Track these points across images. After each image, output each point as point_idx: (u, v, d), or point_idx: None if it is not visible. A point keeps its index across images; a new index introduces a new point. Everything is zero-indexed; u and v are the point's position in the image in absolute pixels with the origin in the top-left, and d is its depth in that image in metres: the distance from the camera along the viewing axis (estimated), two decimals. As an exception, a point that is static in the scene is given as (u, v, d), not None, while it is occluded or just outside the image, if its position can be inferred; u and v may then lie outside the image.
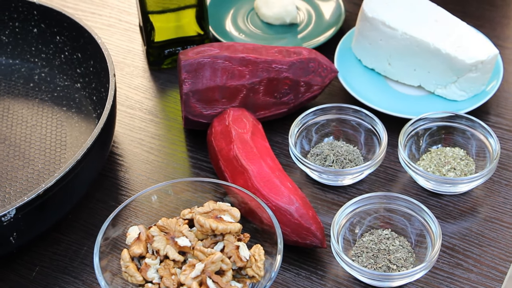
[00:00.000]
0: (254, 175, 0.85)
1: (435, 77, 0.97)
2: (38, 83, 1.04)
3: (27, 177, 0.92)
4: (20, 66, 1.07)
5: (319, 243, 0.83)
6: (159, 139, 0.98)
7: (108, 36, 1.13)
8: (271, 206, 0.83)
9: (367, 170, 0.89)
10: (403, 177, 0.92)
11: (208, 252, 0.77)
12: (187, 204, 0.84)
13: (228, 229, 0.78)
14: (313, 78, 0.95)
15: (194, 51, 0.94)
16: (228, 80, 0.93)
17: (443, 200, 0.89)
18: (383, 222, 0.85)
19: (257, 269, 0.77)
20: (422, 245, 0.83)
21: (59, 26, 1.02)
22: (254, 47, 0.96)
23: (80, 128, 0.98)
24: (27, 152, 0.95)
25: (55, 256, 0.86)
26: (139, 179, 0.94)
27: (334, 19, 1.10)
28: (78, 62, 1.02)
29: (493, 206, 0.89)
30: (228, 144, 0.88)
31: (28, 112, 1.00)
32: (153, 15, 1.01)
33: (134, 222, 0.83)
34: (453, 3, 1.14)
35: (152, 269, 0.78)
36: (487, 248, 0.85)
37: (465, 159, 0.91)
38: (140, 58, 1.09)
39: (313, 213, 0.83)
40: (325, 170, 0.89)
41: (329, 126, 0.94)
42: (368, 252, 0.82)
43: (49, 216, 0.83)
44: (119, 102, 1.03)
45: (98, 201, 0.91)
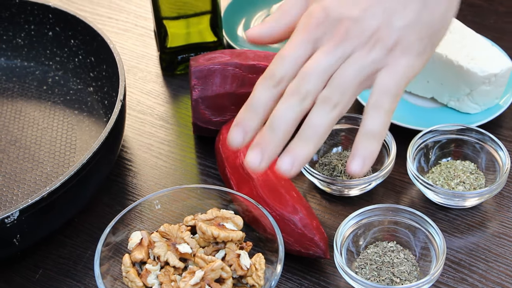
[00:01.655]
0: (260, 183, 0.84)
1: (448, 90, 0.96)
2: (52, 86, 1.05)
3: (35, 180, 0.93)
4: (35, 68, 1.07)
5: (322, 253, 0.82)
6: (169, 144, 0.98)
7: (124, 40, 1.13)
8: (275, 215, 0.82)
9: (375, 181, 0.88)
10: (412, 189, 0.91)
11: (209, 260, 0.76)
12: (192, 210, 0.84)
13: (230, 237, 0.78)
14: (324, 87, 0.95)
15: (205, 57, 0.94)
16: (238, 88, 0.92)
17: (451, 214, 0.88)
18: (388, 234, 0.84)
19: (257, 278, 0.77)
20: (426, 258, 0.82)
21: (73, 29, 1.03)
22: (265, 54, 0.95)
23: (90, 132, 0.98)
24: (36, 154, 0.96)
25: (59, 259, 0.86)
26: (147, 184, 0.94)
27: (350, 28, 1.09)
28: (91, 66, 1.03)
29: (502, 221, 0.87)
30: (235, 151, 0.88)
31: (40, 115, 1.01)
32: (167, 21, 1.02)
33: (138, 227, 0.83)
34: (472, 15, 1.13)
35: (153, 275, 0.77)
36: (493, 263, 0.84)
37: (475, 172, 0.90)
38: (154, 63, 1.09)
39: (317, 223, 0.82)
40: (332, 180, 0.88)
41: (338, 136, 0.93)
42: (372, 265, 0.82)
43: (53, 219, 0.84)
44: (130, 106, 1.03)
45: (105, 205, 0.91)
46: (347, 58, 0.71)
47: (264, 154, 0.70)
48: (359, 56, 0.72)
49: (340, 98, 0.70)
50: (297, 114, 0.70)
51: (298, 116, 0.70)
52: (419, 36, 0.73)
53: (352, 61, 0.71)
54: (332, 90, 0.70)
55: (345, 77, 0.71)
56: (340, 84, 0.71)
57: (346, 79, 0.71)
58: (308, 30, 0.73)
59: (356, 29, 0.72)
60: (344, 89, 0.71)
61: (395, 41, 0.72)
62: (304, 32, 0.73)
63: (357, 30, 0.72)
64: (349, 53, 0.72)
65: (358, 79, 0.71)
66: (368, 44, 0.72)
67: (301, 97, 0.70)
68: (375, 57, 0.72)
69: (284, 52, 0.72)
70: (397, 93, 0.73)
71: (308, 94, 0.70)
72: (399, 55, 0.72)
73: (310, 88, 0.70)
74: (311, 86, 0.70)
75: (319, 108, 0.70)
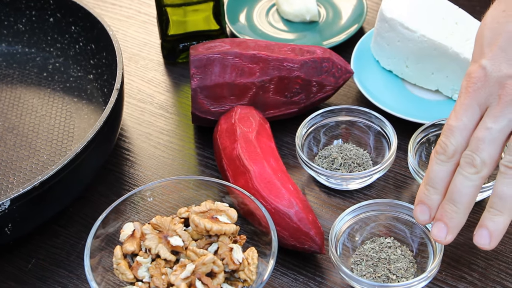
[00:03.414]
0: (255, 175, 0.83)
1: (453, 82, 0.94)
2: (52, 73, 1.04)
3: (31, 168, 0.92)
4: (36, 55, 1.06)
5: (318, 248, 0.80)
6: (168, 134, 0.97)
7: (126, 28, 1.12)
8: (270, 208, 0.81)
9: (375, 175, 0.87)
10: (413, 183, 0.89)
11: (200, 253, 0.75)
12: (188, 201, 0.83)
13: (223, 230, 0.76)
14: (326, 78, 0.93)
15: (204, 46, 0.92)
16: (238, 77, 0.91)
17: (452, 209, 0.86)
18: (386, 230, 0.82)
19: (249, 272, 0.75)
20: (424, 254, 0.80)
21: (74, 16, 1.01)
22: (266, 44, 0.93)
23: (89, 120, 0.97)
24: (33, 142, 0.95)
25: (52, 249, 0.85)
26: (144, 174, 0.92)
27: (356, 17, 1.08)
28: (91, 53, 1.01)
29: (504, 218, 0.85)
30: (232, 143, 0.86)
31: (39, 102, 1.00)
32: (169, 8, 1.00)
33: (133, 218, 0.82)
34: (481, 6, 1.10)
35: (143, 267, 0.76)
36: (493, 261, 0.82)
37: (478, 168, 0.88)
38: (156, 51, 1.08)
39: (313, 217, 0.81)
40: (331, 174, 0.86)
41: (338, 128, 0.92)
42: (368, 261, 0.80)
43: (46, 209, 0.83)
44: (130, 95, 1.01)
45: (101, 195, 0.90)
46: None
47: (450, 228, 0.73)
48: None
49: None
50: (475, 184, 0.71)
51: (477, 186, 0.71)
52: None
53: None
54: (511, 156, 0.70)
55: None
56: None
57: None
58: (471, 95, 0.72)
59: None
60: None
61: None
62: (467, 96, 0.72)
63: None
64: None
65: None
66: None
67: (477, 168, 0.71)
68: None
69: (452, 122, 0.72)
70: None
71: (484, 163, 0.71)
72: None
73: (484, 157, 0.70)
74: (486, 155, 0.70)
75: (503, 177, 0.70)
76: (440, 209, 0.73)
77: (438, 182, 0.73)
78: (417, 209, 0.74)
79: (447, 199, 0.72)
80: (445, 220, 0.72)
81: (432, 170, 0.73)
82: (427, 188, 0.74)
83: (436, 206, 0.74)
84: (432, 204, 0.74)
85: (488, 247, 0.72)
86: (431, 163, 0.74)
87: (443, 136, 0.73)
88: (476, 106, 0.72)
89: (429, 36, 0.93)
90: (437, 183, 0.73)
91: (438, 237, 0.73)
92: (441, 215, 0.73)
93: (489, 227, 0.71)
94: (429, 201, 0.74)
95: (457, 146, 0.72)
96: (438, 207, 0.74)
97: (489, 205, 0.71)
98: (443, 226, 0.73)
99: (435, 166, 0.73)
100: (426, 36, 0.93)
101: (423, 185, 0.74)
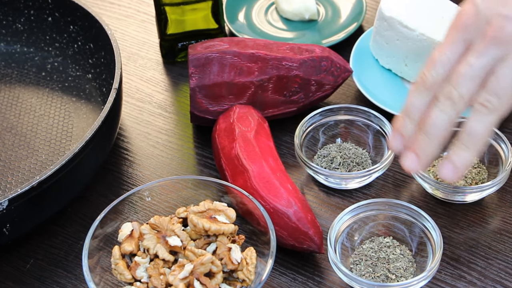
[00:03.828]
0: (254, 175, 0.83)
1: (452, 81, 0.93)
2: (50, 72, 1.03)
3: (29, 168, 0.92)
4: (34, 54, 1.06)
5: (316, 248, 0.80)
6: (166, 133, 0.96)
7: (125, 27, 1.12)
8: (269, 208, 0.81)
9: (374, 174, 0.86)
10: (412, 183, 0.89)
11: (199, 253, 0.75)
12: (187, 201, 0.83)
13: (221, 230, 0.76)
14: (325, 77, 0.93)
15: (203, 45, 0.92)
16: (236, 77, 0.90)
17: (451, 208, 0.86)
18: (384, 229, 0.82)
19: (248, 272, 0.75)
20: (423, 254, 0.80)
21: (72, 15, 1.01)
22: (265, 43, 0.93)
23: (87, 119, 0.97)
24: (32, 142, 0.95)
25: (50, 249, 0.85)
26: (142, 174, 0.92)
27: (355, 16, 1.07)
28: (90, 52, 1.01)
29: (504, 217, 0.85)
30: (230, 142, 0.86)
31: (37, 102, 1.00)
32: (168, 7, 1.00)
33: (131, 217, 0.82)
34: None
35: (142, 267, 0.76)
36: (493, 261, 0.81)
37: (478, 166, 0.87)
38: (155, 50, 1.08)
39: (312, 217, 0.81)
40: (330, 173, 0.86)
41: (337, 127, 0.91)
42: (367, 260, 0.80)
43: (44, 209, 0.82)
44: (129, 94, 1.01)
45: (99, 195, 0.90)
46: (502, 58, 0.69)
47: (421, 159, 0.72)
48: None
49: (497, 102, 0.69)
50: (450, 118, 0.71)
51: (452, 119, 0.71)
52: None
53: (508, 62, 0.69)
54: (488, 95, 0.69)
55: (501, 80, 0.69)
56: (496, 88, 0.69)
57: (503, 83, 0.69)
58: (458, 30, 0.71)
59: (510, 27, 0.69)
60: (502, 92, 0.69)
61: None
62: (455, 31, 0.72)
63: (510, 29, 0.69)
64: (504, 53, 0.69)
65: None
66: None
67: (454, 101, 0.70)
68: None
69: (435, 55, 0.72)
70: None
71: (460, 98, 0.70)
72: None
73: (462, 92, 0.70)
74: (464, 90, 0.70)
75: (476, 114, 0.70)
76: (413, 141, 0.73)
77: (414, 112, 0.73)
78: (392, 137, 0.75)
79: (421, 130, 0.72)
80: (417, 151, 0.73)
81: (410, 101, 0.74)
82: (403, 118, 0.74)
83: (411, 135, 0.74)
84: (406, 133, 0.74)
85: (450, 179, 0.72)
86: (409, 94, 0.74)
87: (424, 68, 0.73)
88: (462, 41, 0.71)
89: (428, 34, 0.92)
90: (413, 114, 0.73)
91: (408, 167, 0.73)
92: (414, 145, 0.73)
93: (455, 160, 0.71)
94: (404, 131, 0.74)
95: (436, 78, 0.72)
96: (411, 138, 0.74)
97: (458, 140, 0.72)
98: (414, 157, 0.73)
99: (413, 96, 0.73)
100: (425, 35, 0.93)
101: (400, 115, 0.75)
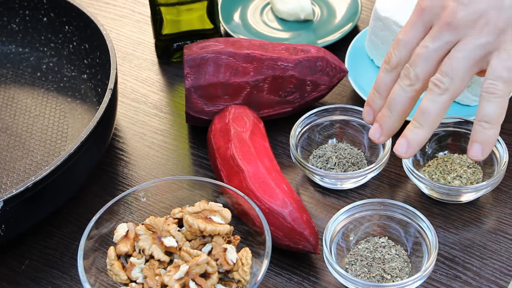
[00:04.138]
0: (249, 175, 0.83)
1: (447, 81, 0.94)
2: (46, 73, 1.03)
3: (25, 168, 0.91)
4: (29, 55, 1.06)
5: (312, 248, 0.80)
6: (162, 134, 0.96)
7: (120, 27, 1.11)
8: (264, 208, 0.81)
9: (370, 174, 0.86)
10: (407, 183, 0.89)
11: (194, 254, 0.75)
12: (182, 201, 0.83)
13: (216, 230, 0.76)
14: (320, 77, 0.93)
15: (198, 45, 0.92)
16: (232, 77, 0.90)
17: (447, 208, 0.86)
18: (380, 229, 0.82)
19: (243, 273, 0.75)
20: (418, 254, 0.80)
21: (67, 15, 1.01)
22: (260, 43, 0.93)
23: (82, 120, 0.97)
24: (27, 142, 0.95)
25: (46, 249, 0.85)
26: (138, 174, 0.92)
27: (350, 16, 1.07)
28: (85, 52, 1.01)
29: (499, 217, 0.85)
30: (226, 142, 0.86)
31: (33, 102, 1.00)
32: (163, 7, 1.00)
33: (127, 218, 0.82)
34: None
35: (137, 268, 0.76)
36: (488, 261, 0.82)
37: (473, 167, 0.87)
38: (151, 50, 1.07)
39: (307, 217, 0.81)
40: (325, 173, 0.86)
41: (333, 128, 0.91)
42: (363, 261, 0.80)
43: (39, 210, 0.82)
44: (124, 95, 1.01)
45: (94, 195, 0.90)
46: (456, 42, 0.75)
47: (383, 129, 0.80)
48: (467, 41, 0.74)
49: (450, 83, 0.75)
50: (409, 95, 0.78)
51: (410, 96, 0.78)
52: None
53: (460, 46, 0.75)
54: (441, 75, 0.75)
55: (454, 63, 0.74)
56: (448, 69, 0.75)
57: (455, 65, 0.74)
58: (419, 13, 0.78)
59: (462, 13, 0.74)
60: (454, 74, 0.74)
61: (505, 23, 0.73)
62: (416, 15, 0.79)
63: (464, 14, 0.74)
64: (457, 38, 0.75)
65: (467, 64, 0.74)
66: (475, 28, 0.74)
67: (411, 80, 0.77)
68: (484, 41, 0.74)
69: (400, 36, 0.79)
70: (510, 78, 0.73)
71: (417, 77, 0.77)
72: (510, 37, 0.73)
73: (418, 72, 0.77)
74: (419, 70, 0.77)
75: (429, 94, 0.76)
76: (379, 113, 0.81)
77: (382, 88, 0.81)
78: (364, 110, 0.83)
79: (385, 105, 0.80)
80: (380, 122, 0.80)
81: (379, 77, 0.81)
82: (373, 92, 0.82)
83: (378, 108, 0.81)
84: (375, 107, 0.82)
85: (405, 155, 0.78)
86: (380, 70, 0.81)
87: (391, 47, 0.80)
88: (421, 24, 0.78)
89: (423, 34, 0.92)
90: (381, 89, 0.81)
91: (372, 136, 0.81)
92: (379, 117, 0.80)
93: (408, 137, 0.77)
94: (373, 104, 0.82)
95: (400, 58, 0.79)
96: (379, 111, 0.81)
97: (413, 118, 0.77)
98: (378, 128, 0.80)
99: (381, 73, 0.81)
100: (421, 35, 0.93)
101: (372, 89, 0.82)
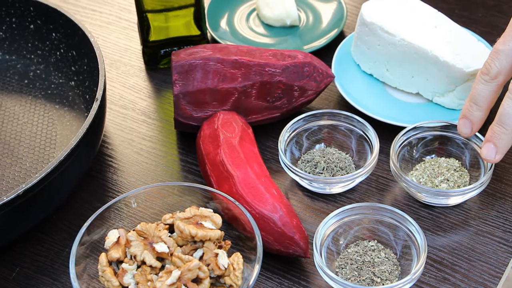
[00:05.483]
0: (239, 181, 0.83)
1: (433, 85, 0.95)
2: (33, 80, 1.03)
3: (14, 176, 0.92)
4: (16, 62, 1.06)
5: (302, 252, 0.81)
6: (150, 140, 0.97)
7: (107, 34, 1.12)
8: (255, 213, 0.81)
9: (358, 178, 0.87)
10: (395, 186, 0.90)
11: (186, 259, 0.75)
12: (172, 207, 0.83)
13: (208, 236, 0.77)
14: (307, 83, 0.93)
15: (186, 52, 0.92)
16: (220, 83, 0.91)
17: (434, 211, 0.87)
18: (369, 233, 0.83)
19: (235, 278, 0.76)
20: (407, 257, 0.80)
21: (54, 22, 1.01)
22: (248, 49, 0.94)
23: (71, 127, 0.97)
24: (16, 150, 0.95)
25: (36, 257, 0.85)
26: (127, 181, 0.92)
27: (336, 21, 1.08)
28: (73, 59, 1.01)
29: (486, 220, 0.86)
30: (215, 148, 0.87)
31: (20, 109, 1.00)
32: (150, 14, 1.00)
33: (117, 224, 0.82)
34: (460, 9, 1.11)
35: (129, 274, 0.76)
36: (476, 263, 0.82)
37: (460, 170, 0.88)
38: (138, 57, 1.08)
39: (297, 221, 0.81)
40: (314, 178, 0.87)
41: (321, 132, 0.92)
42: (353, 264, 0.80)
43: (30, 217, 0.82)
44: (112, 101, 1.01)
45: (84, 202, 0.90)
46: None
47: (499, 148, 0.80)
48: None
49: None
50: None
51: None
52: None
53: None
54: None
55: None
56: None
57: None
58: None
59: None
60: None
61: None
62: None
63: None
64: None
65: None
66: None
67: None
68: None
69: (499, 46, 0.80)
70: None
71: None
72: None
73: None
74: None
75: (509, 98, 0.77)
76: (489, 131, 0.80)
77: (480, 100, 0.81)
78: (460, 123, 0.83)
79: (496, 121, 0.79)
80: (494, 141, 0.79)
81: (476, 89, 0.81)
82: (470, 104, 0.82)
83: (477, 121, 0.82)
84: (474, 119, 0.82)
85: (493, 160, 0.80)
86: (476, 82, 0.81)
87: (489, 58, 0.80)
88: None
89: (409, 39, 0.93)
90: (480, 101, 0.81)
91: (488, 157, 0.81)
92: (490, 136, 0.80)
93: (496, 142, 0.79)
94: (472, 117, 0.82)
95: (500, 69, 0.79)
96: (480, 124, 0.83)
97: (496, 121, 0.78)
98: (493, 147, 0.80)
99: (479, 85, 0.81)
100: (406, 40, 0.94)
101: (467, 102, 0.82)
